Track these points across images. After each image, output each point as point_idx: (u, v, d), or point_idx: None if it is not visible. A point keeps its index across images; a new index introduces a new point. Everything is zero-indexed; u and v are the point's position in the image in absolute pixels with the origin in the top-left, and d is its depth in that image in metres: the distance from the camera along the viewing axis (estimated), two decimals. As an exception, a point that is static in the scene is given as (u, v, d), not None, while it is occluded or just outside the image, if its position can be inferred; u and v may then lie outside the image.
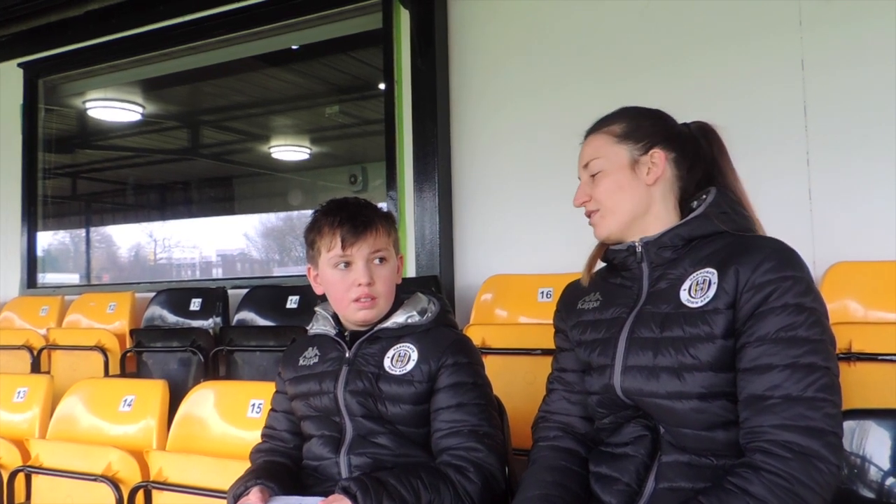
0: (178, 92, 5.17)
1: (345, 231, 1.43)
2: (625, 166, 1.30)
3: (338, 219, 1.45)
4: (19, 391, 2.43)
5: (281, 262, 5.78)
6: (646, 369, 1.19)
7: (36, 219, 4.69)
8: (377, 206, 1.53)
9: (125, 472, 1.93)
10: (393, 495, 1.25)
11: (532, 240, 3.11)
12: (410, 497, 1.27)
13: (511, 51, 3.22)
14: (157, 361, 3.17)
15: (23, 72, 4.71)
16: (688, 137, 1.34)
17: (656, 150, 1.30)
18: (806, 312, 1.10)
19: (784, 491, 1.02)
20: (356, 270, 1.43)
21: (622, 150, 1.31)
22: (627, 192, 1.29)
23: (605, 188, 1.31)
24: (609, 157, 1.31)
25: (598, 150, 1.33)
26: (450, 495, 1.30)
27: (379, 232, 1.45)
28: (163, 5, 4.08)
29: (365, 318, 1.45)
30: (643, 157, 1.30)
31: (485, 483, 1.34)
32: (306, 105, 5.18)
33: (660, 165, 1.29)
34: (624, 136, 1.31)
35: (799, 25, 2.65)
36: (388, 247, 1.47)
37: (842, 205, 2.55)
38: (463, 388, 1.40)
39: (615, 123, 1.34)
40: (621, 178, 1.30)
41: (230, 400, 2.09)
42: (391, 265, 1.48)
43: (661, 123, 1.34)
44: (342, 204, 1.49)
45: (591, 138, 1.36)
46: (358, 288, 1.42)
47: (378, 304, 1.45)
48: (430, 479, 1.31)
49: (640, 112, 1.35)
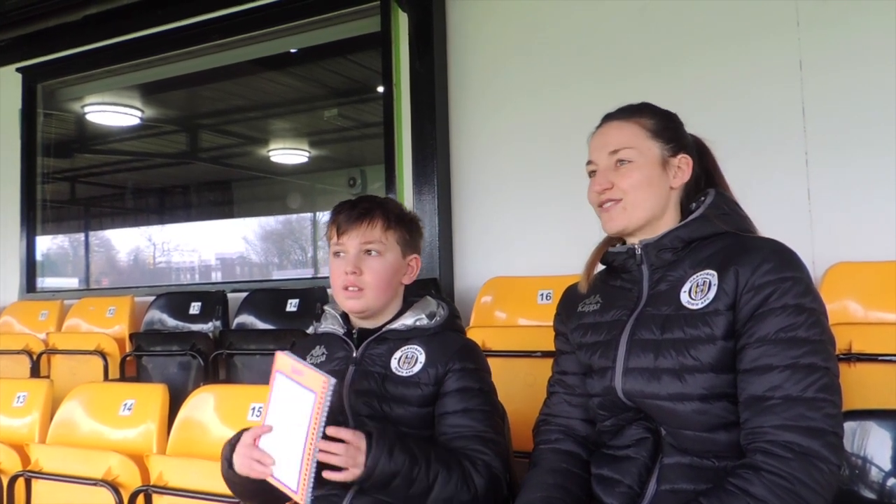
0: (177, 96, 5.17)
1: (340, 220, 1.46)
2: (656, 163, 1.27)
3: (340, 209, 1.49)
4: (19, 396, 2.42)
5: (280, 265, 5.78)
6: (647, 371, 1.19)
7: (35, 223, 4.69)
8: (392, 203, 1.52)
9: (125, 476, 1.92)
10: (405, 450, 1.26)
11: (532, 241, 3.11)
12: (421, 459, 1.27)
13: (509, 52, 3.22)
14: (157, 365, 3.16)
15: (21, 77, 4.71)
16: (693, 146, 1.34)
17: (684, 154, 1.29)
18: (805, 313, 1.10)
19: (785, 491, 1.02)
20: (346, 259, 1.45)
21: (654, 146, 1.28)
22: (654, 190, 1.27)
23: (635, 180, 1.26)
24: (642, 150, 1.27)
25: (632, 139, 1.28)
26: (458, 474, 1.30)
27: (375, 225, 1.45)
28: (161, 10, 4.08)
29: (352, 307, 1.46)
30: (672, 158, 1.28)
31: (490, 481, 1.34)
32: (305, 108, 5.18)
33: (686, 171, 1.29)
34: (656, 132, 1.29)
35: (797, 26, 2.65)
36: (383, 241, 1.45)
37: (841, 205, 2.55)
38: (469, 394, 1.41)
39: (645, 117, 1.30)
40: (652, 175, 1.27)
41: (230, 403, 2.08)
42: (385, 260, 1.46)
43: (682, 128, 1.34)
44: (357, 198, 1.52)
45: (620, 125, 1.31)
46: (345, 276, 1.44)
47: (365, 296, 1.44)
48: (443, 454, 1.32)
49: (665, 112, 1.33)
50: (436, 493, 1.28)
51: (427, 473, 1.27)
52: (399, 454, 1.25)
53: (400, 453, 1.25)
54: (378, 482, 1.24)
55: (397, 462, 1.24)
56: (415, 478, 1.26)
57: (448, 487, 1.28)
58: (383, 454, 1.24)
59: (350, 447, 1.22)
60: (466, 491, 1.30)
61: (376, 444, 1.24)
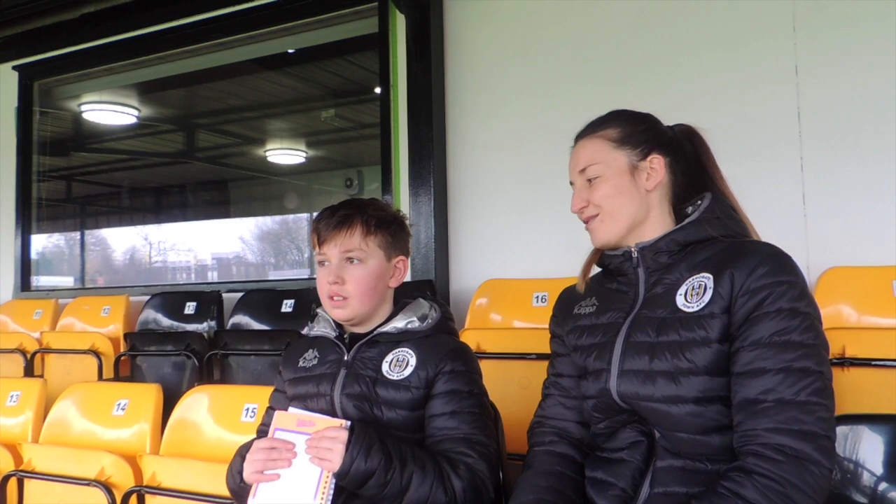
0: (174, 95, 5.17)
1: (321, 228, 1.46)
2: (624, 172, 1.29)
3: (321, 217, 1.48)
4: (12, 395, 2.41)
5: (276, 265, 5.77)
6: (642, 373, 1.19)
7: (30, 222, 4.68)
8: (373, 206, 1.49)
9: (118, 476, 1.92)
10: (382, 450, 1.27)
11: (527, 244, 3.11)
12: (396, 461, 1.28)
13: (507, 55, 3.23)
14: (151, 365, 3.16)
15: (18, 75, 4.71)
16: (676, 141, 1.34)
17: (655, 155, 1.29)
18: (800, 317, 1.11)
19: (776, 494, 1.02)
20: (329, 268, 1.45)
21: (620, 155, 1.29)
22: (627, 197, 1.28)
23: (604, 192, 1.29)
24: (608, 163, 1.29)
25: (596, 154, 1.30)
26: (433, 476, 1.30)
27: (353, 232, 1.44)
28: (158, 9, 4.08)
29: (339, 316, 1.47)
30: (642, 162, 1.29)
31: (471, 483, 1.32)
32: (302, 109, 5.18)
33: (659, 171, 1.29)
34: (621, 141, 1.30)
35: (793, 32, 2.66)
36: (363, 248, 1.44)
37: (836, 210, 2.57)
38: (458, 396, 1.40)
39: (609, 127, 1.32)
40: (621, 184, 1.28)
41: (224, 404, 2.08)
42: (367, 267, 1.45)
43: (654, 128, 1.34)
44: (338, 204, 1.50)
45: (586, 142, 1.33)
46: (329, 286, 1.44)
47: (350, 304, 1.44)
48: (421, 456, 1.32)
49: (633, 116, 1.34)
50: (410, 495, 1.28)
51: (401, 475, 1.27)
52: (376, 455, 1.26)
53: (377, 454, 1.26)
54: (353, 481, 1.26)
55: (373, 462, 1.25)
56: (389, 480, 1.26)
57: (422, 489, 1.28)
58: (360, 453, 1.25)
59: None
60: (443, 493, 1.29)
61: (354, 443, 1.26)
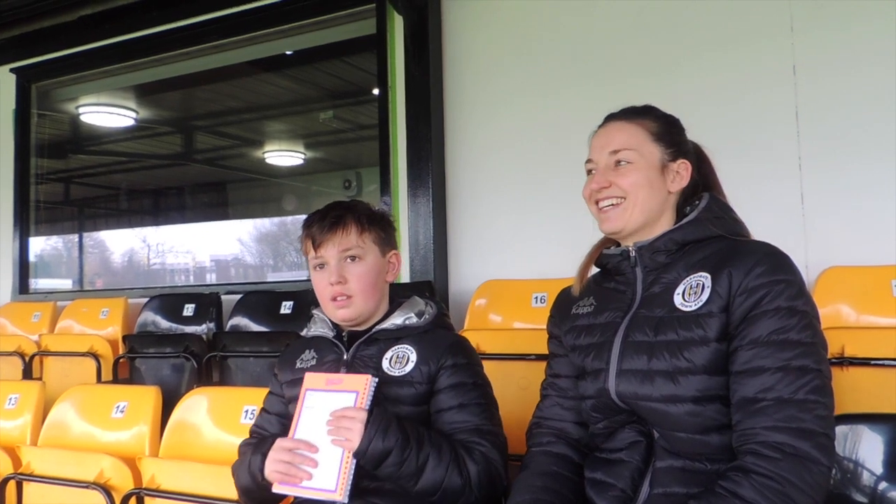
0: (172, 97, 5.16)
1: (314, 232, 1.46)
2: (656, 166, 1.28)
3: (310, 221, 1.48)
4: (11, 398, 2.41)
5: (275, 267, 5.76)
6: (640, 373, 1.19)
7: (28, 224, 4.68)
8: (360, 205, 1.52)
9: (117, 479, 1.91)
10: (399, 430, 1.28)
11: (526, 245, 3.11)
12: (413, 440, 1.29)
13: (505, 56, 3.23)
14: (150, 367, 3.15)
15: (15, 77, 4.70)
16: (694, 153, 1.35)
17: (683, 160, 1.30)
18: (798, 315, 1.11)
19: (775, 493, 1.02)
20: (329, 270, 1.45)
21: (656, 150, 1.29)
22: (654, 191, 1.27)
23: (633, 180, 1.27)
24: (643, 152, 1.28)
25: (631, 140, 1.29)
26: (448, 458, 1.31)
27: (349, 231, 1.45)
28: (156, 11, 4.08)
29: (343, 316, 1.46)
30: (672, 163, 1.29)
31: (486, 468, 1.33)
32: (300, 110, 5.17)
33: (685, 177, 1.29)
34: (658, 136, 1.29)
35: (790, 31, 2.66)
36: (360, 245, 1.46)
37: (834, 209, 2.57)
38: (464, 389, 1.41)
39: (648, 119, 1.31)
40: (652, 177, 1.28)
41: (223, 406, 2.07)
42: (367, 263, 1.46)
43: (684, 134, 1.34)
44: (324, 208, 1.51)
45: (623, 125, 1.31)
46: (331, 287, 1.44)
47: (354, 303, 1.45)
48: (436, 438, 1.33)
49: (668, 116, 1.34)
50: (426, 475, 1.28)
51: (417, 455, 1.28)
52: (393, 434, 1.27)
53: (394, 433, 1.27)
54: (371, 459, 1.26)
55: (391, 441, 1.26)
56: (405, 458, 1.27)
57: (438, 471, 1.29)
58: (378, 432, 1.26)
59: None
60: (458, 476, 1.30)
61: (372, 422, 1.26)
